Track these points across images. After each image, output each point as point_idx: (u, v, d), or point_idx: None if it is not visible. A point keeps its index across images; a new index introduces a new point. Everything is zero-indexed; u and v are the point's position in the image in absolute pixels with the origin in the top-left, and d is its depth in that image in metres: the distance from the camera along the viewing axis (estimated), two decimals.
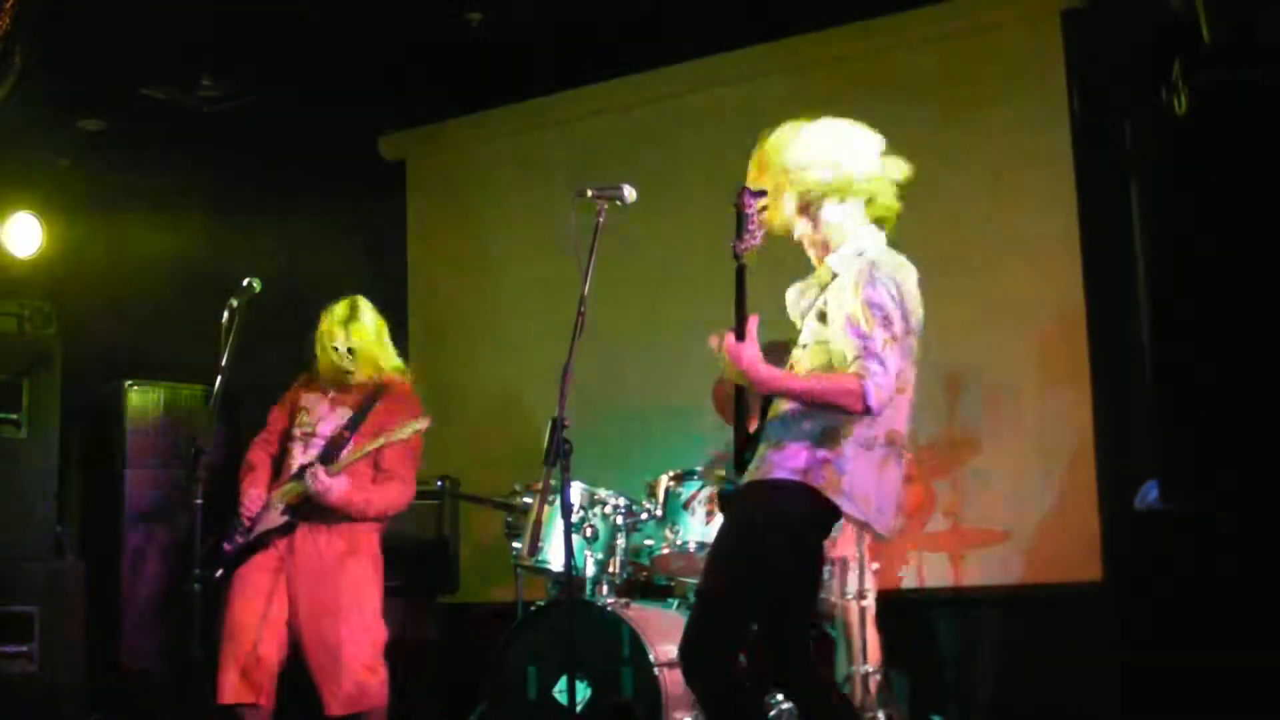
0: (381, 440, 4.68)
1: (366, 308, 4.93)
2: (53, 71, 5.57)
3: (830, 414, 3.35)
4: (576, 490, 4.93)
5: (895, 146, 3.54)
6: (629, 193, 3.92)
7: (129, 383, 6.26)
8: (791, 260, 3.68)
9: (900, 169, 3.57)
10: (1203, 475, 2.67)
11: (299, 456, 4.84)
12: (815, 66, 6.23)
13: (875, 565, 5.15)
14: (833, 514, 3.39)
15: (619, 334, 6.20)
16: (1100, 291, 5.54)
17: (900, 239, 3.63)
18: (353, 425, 4.81)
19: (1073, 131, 5.65)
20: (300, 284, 6.01)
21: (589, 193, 3.89)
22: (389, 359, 4.96)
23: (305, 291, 5.47)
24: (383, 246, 7.18)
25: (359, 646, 4.70)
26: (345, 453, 4.75)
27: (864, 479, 3.37)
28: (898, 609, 5.40)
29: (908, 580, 5.84)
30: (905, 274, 3.47)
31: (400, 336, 7.11)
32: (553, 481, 3.66)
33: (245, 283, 4.59)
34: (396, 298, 7.18)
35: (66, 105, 6.26)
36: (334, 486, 4.66)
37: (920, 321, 3.46)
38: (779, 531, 3.38)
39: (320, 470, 4.67)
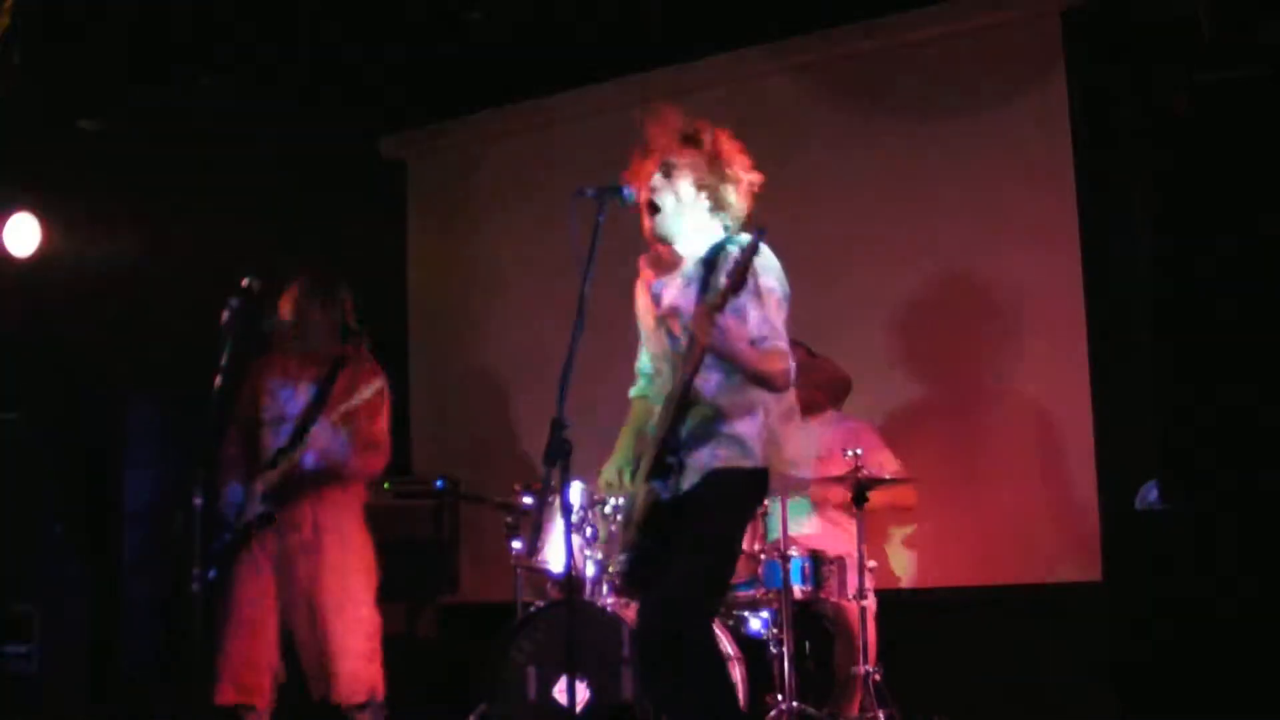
0: (343, 406, 4.70)
1: (324, 281, 4.94)
2: (53, 71, 5.56)
3: (751, 396, 3.63)
4: (576, 490, 4.93)
5: (895, 146, 3.57)
6: (629, 193, 3.93)
7: (129, 383, 6.25)
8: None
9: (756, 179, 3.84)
10: (1203, 475, 2.67)
11: (271, 442, 4.85)
12: (816, 66, 6.23)
13: (873, 564, 5.16)
14: (765, 479, 3.70)
15: (619, 333, 6.17)
16: (1101, 291, 5.54)
17: (900, 238, 3.63)
18: (318, 402, 4.82)
19: (1073, 132, 5.65)
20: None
21: (589, 193, 3.89)
22: (344, 328, 4.95)
23: None
24: (383, 246, 7.17)
25: (355, 637, 4.71)
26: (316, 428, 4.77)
27: (798, 444, 3.76)
28: (898, 609, 5.40)
29: (907, 580, 5.84)
30: (775, 259, 3.72)
31: (400, 336, 7.16)
32: (553, 481, 3.65)
33: (245, 283, 4.58)
34: (396, 297, 7.18)
35: (66, 105, 6.25)
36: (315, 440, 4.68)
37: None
38: (738, 513, 3.74)
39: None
